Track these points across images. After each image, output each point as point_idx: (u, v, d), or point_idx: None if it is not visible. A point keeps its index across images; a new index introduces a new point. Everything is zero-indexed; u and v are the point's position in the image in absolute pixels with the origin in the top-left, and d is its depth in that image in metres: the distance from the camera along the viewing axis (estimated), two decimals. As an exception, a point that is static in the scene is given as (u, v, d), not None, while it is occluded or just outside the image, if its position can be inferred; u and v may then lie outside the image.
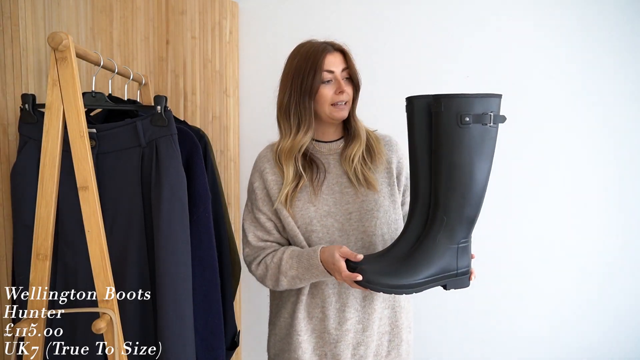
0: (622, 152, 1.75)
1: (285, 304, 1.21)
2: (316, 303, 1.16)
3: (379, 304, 1.18)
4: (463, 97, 0.93)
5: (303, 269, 1.08)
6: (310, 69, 1.11)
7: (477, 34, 1.76)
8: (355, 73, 1.17)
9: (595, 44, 1.73)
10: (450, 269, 1.02)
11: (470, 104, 0.93)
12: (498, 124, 0.96)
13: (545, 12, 1.74)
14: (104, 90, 1.20)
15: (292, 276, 1.10)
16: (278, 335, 1.22)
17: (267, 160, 1.19)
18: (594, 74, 1.74)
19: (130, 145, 1.07)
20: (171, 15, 1.71)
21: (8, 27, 1.18)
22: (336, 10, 1.82)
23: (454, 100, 0.93)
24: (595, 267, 1.79)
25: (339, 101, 1.13)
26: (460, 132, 0.93)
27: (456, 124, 0.93)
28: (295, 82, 1.13)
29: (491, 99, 0.95)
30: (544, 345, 1.83)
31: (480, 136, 0.95)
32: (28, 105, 1.03)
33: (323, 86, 1.13)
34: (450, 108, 0.93)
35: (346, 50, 1.17)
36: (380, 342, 1.19)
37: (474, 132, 0.94)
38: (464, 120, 0.93)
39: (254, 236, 1.18)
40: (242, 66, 1.86)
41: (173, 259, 1.04)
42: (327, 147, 1.21)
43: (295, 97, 1.13)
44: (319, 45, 1.15)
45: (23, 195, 1.02)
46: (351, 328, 1.15)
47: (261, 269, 1.15)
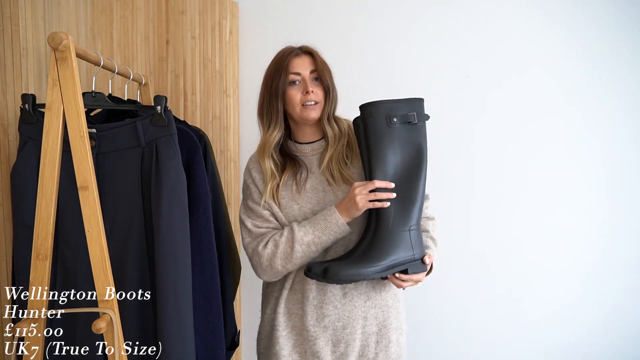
0: (620, 152, 1.75)
1: (269, 300, 1.23)
2: (297, 299, 1.18)
3: (361, 302, 1.18)
4: (389, 102, 1.10)
5: (320, 230, 1.10)
6: (277, 72, 1.17)
7: (478, 34, 1.76)
8: (324, 75, 1.18)
9: (596, 44, 1.73)
10: (407, 254, 1.10)
11: (396, 107, 1.10)
12: (423, 121, 1.13)
13: (545, 12, 1.74)
14: (104, 90, 1.20)
15: (308, 242, 1.10)
16: (263, 332, 1.24)
17: (254, 160, 1.24)
18: (595, 74, 1.74)
19: (130, 145, 1.07)
20: (171, 15, 1.71)
21: (8, 27, 1.18)
22: (336, 10, 1.82)
23: (382, 106, 1.09)
24: (594, 267, 1.79)
25: (307, 102, 1.16)
26: (390, 131, 1.10)
27: (386, 125, 1.10)
28: (266, 85, 1.20)
29: (414, 101, 1.12)
30: (542, 345, 1.83)
31: (407, 132, 1.11)
32: (28, 105, 1.03)
33: (290, 88, 1.17)
34: (379, 112, 1.09)
35: (314, 52, 1.20)
36: (367, 343, 1.18)
37: (401, 130, 1.11)
38: (392, 121, 1.09)
39: (253, 224, 1.19)
40: (242, 66, 1.86)
41: (173, 259, 1.04)
42: (309, 147, 1.23)
43: (266, 98, 1.20)
44: (288, 49, 1.20)
45: (23, 195, 1.02)
46: (330, 325, 1.16)
47: (270, 248, 1.14)
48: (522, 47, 1.75)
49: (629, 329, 1.80)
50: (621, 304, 1.79)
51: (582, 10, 1.73)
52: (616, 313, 1.79)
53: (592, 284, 1.79)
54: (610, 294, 1.79)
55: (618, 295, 1.78)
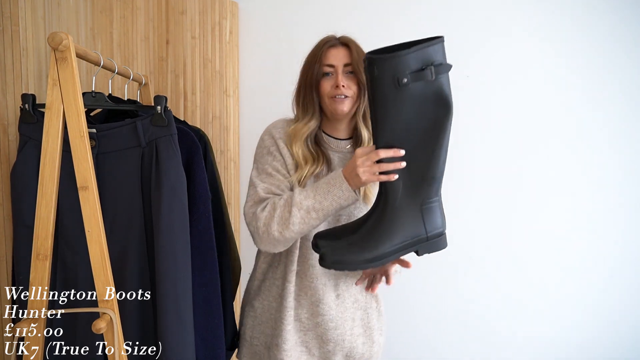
0: (624, 153, 1.75)
1: (269, 288, 1.20)
2: (295, 292, 1.17)
3: (350, 304, 1.20)
4: (396, 57, 0.84)
5: (322, 194, 1.00)
6: (312, 61, 1.14)
7: (478, 34, 1.76)
8: (359, 69, 1.11)
9: (596, 44, 1.73)
10: (419, 234, 0.95)
11: (405, 62, 0.84)
12: (444, 73, 0.87)
13: (546, 13, 1.74)
14: (104, 90, 1.20)
15: (307, 207, 1.00)
16: (258, 319, 1.22)
17: (282, 132, 1.17)
18: (596, 74, 1.74)
19: (130, 145, 1.07)
20: (171, 15, 1.71)
21: (8, 27, 1.18)
22: (336, 10, 1.82)
23: (387, 63, 0.85)
24: (596, 267, 1.79)
25: (337, 94, 1.11)
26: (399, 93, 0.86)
27: (393, 87, 0.86)
28: (303, 74, 1.17)
29: (430, 48, 0.85)
30: (543, 346, 1.83)
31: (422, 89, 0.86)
32: (28, 105, 1.03)
33: (323, 79, 1.13)
34: (384, 72, 0.86)
35: (352, 44, 1.14)
36: (355, 345, 1.20)
37: (415, 88, 0.86)
38: (401, 82, 0.85)
39: (265, 189, 1.10)
40: (242, 66, 1.86)
41: (173, 259, 1.04)
42: (335, 143, 1.20)
43: (303, 88, 1.17)
44: (327, 38, 1.16)
45: (23, 195, 1.02)
46: (322, 323, 1.17)
47: (267, 211, 1.04)
48: (523, 47, 1.75)
49: (631, 330, 1.80)
50: (632, 307, 1.79)
51: (583, 10, 1.73)
52: (626, 316, 1.79)
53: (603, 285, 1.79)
54: (619, 296, 1.79)
55: (628, 298, 1.78)
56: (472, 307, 1.85)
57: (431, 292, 1.84)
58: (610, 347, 1.81)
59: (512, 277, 1.82)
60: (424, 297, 1.85)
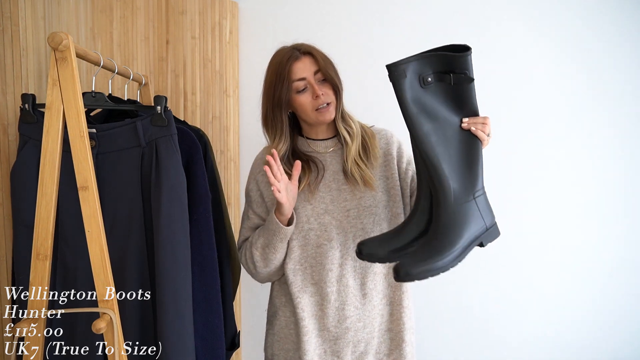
0: (624, 152, 1.75)
1: (285, 304, 1.21)
2: (316, 301, 1.16)
3: (378, 300, 1.18)
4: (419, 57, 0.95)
5: (266, 233, 1.13)
6: (278, 80, 1.11)
7: (479, 35, 1.76)
8: (329, 73, 1.12)
9: (596, 44, 1.73)
10: (480, 224, 0.99)
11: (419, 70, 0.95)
12: (469, 82, 0.96)
13: (548, 12, 1.74)
14: (104, 90, 1.20)
15: (260, 245, 1.14)
16: (277, 335, 1.22)
17: (262, 163, 1.20)
18: (596, 74, 1.74)
19: (130, 146, 1.07)
20: (171, 15, 1.71)
21: (8, 27, 1.18)
22: (336, 10, 1.81)
23: (411, 64, 0.96)
24: (596, 267, 1.79)
25: (320, 105, 1.11)
26: (425, 94, 0.94)
27: (419, 87, 0.95)
28: (268, 95, 1.15)
29: (449, 58, 0.96)
30: (544, 346, 1.83)
31: (444, 92, 0.96)
32: (28, 105, 1.03)
33: (299, 96, 1.12)
34: (399, 85, 0.96)
35: (314, 50, 1.13)
36: (383, 340, 1.19)
37: (437, 90, 0.95)
38: (426, 81, 0.96)
39: (244, 232, 1.25)
40: (242, 66, 1.86)
41: (173, 259, 1.04)
42: (322, 145, 1.21)
43: (270, 109, 1.15)
44: (286, 53, 1.12)
45: (23, 195, 1.02)
46: (351, 326, 1.15)
47: (242, 254, 1.21)
48: (525, 48, 1.75)
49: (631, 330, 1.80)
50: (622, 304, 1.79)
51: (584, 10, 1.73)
52: (627, 316, 1.79)
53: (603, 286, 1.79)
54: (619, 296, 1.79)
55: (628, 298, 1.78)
56: (472, 307, 1.84)
57: (431, 292, 1.84)
58: (611, 347, 1.81)
59: (512, 278, 1.82)
60: (424, 297, 1.85)
